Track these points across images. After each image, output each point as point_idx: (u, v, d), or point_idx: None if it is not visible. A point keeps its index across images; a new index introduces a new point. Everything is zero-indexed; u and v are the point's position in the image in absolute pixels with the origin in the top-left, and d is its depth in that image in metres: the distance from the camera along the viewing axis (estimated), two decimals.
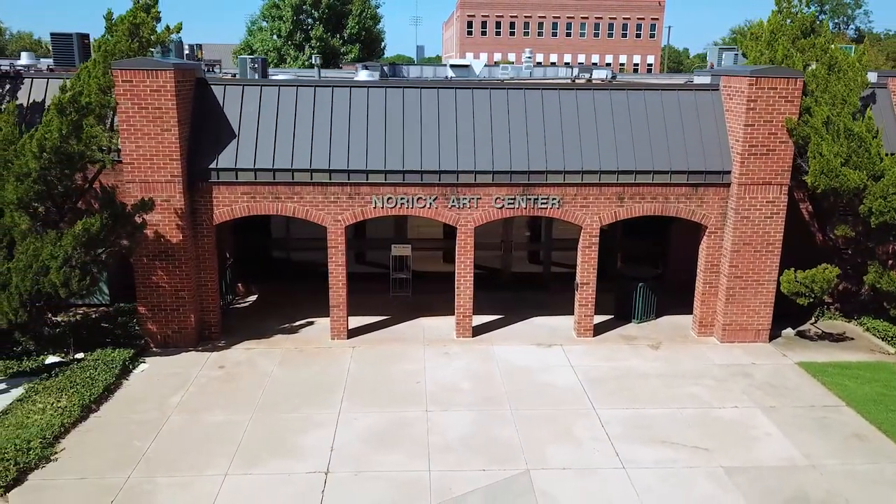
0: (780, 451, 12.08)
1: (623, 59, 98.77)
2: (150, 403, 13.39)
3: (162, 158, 14.77)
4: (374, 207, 15.65)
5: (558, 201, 15.78)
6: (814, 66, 16.78)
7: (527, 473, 11.29)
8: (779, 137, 15.33)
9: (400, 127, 15.77)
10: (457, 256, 16.26)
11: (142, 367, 14.89)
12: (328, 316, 17.26)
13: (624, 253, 20.15)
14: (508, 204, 15.77)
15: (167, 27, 15.90)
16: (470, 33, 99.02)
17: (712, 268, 16.45)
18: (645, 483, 11.07)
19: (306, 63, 50.82)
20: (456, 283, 16.45)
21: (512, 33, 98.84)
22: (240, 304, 18.82)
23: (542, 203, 15.79)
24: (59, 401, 12.92)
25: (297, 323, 17.34)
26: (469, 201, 15.71)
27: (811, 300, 15.89)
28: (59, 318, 16.53)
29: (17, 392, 13.38)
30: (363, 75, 21.85)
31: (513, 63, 73.77)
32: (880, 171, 15.18)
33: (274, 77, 20.53)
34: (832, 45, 16.51)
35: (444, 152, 15.64)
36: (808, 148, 15.51)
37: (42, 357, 14.68)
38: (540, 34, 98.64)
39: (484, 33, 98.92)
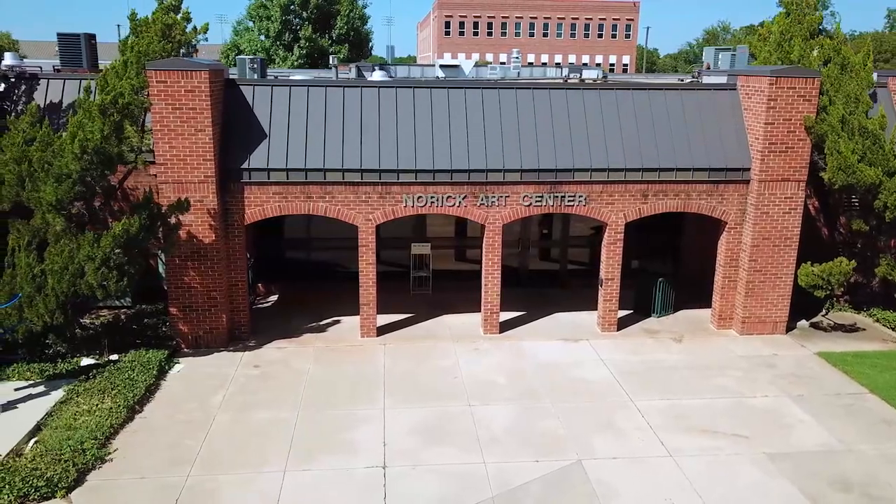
0: (816, 437, 12.54)
1: (599, 58, 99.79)
2: (193, 403, 13.42)
3: (195, 159, 14.79)
4: (405, 206, 15.83)
5: (585, 198, 16.12)
6: (820, 67, 17.36)
7: (579, 464, 11.59)
8: (797, 135, 15.85)
9: (429, 126, 15.97)
10: (484, 254, 16.53)
11: (177, 367, 14.89)
12: (353, 314, 17.47)
13: (637, 250, 20.55)
14: (536, 201, 16.07)
15: (194, 28, 15.91)
16: (448, 34, 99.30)
17: (732, 262, 16.92)
18: (694, 470, 11.44)
19: (295, 63, 50.70)
20: (483, 279, 16.72)
21: (490, 33, 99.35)
22: (262, 304, 18.85)
23: (568, 200, 16.12)
24: (102, 402, 12.89)
25: (324, 322, 17.45)
26: (498, 199, 15.97)
27: (827, 293, 16.45)
28: (84, 321, 16.41)
29: (58, 394, 13.31)
30: (377, 76, 21.99)
31: (491, 63, 74.27)
32: (894, 167, 15.77)
33: (291, 77, 20.57)
34: (844, 47, 17.07)
35: (472, 151, 15.88)
36: (826, 145, 16.03)
37: (76, 359, 14.60)
38: (517, 34, 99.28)
39: (462, 34, 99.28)
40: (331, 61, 28.09)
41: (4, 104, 17.80)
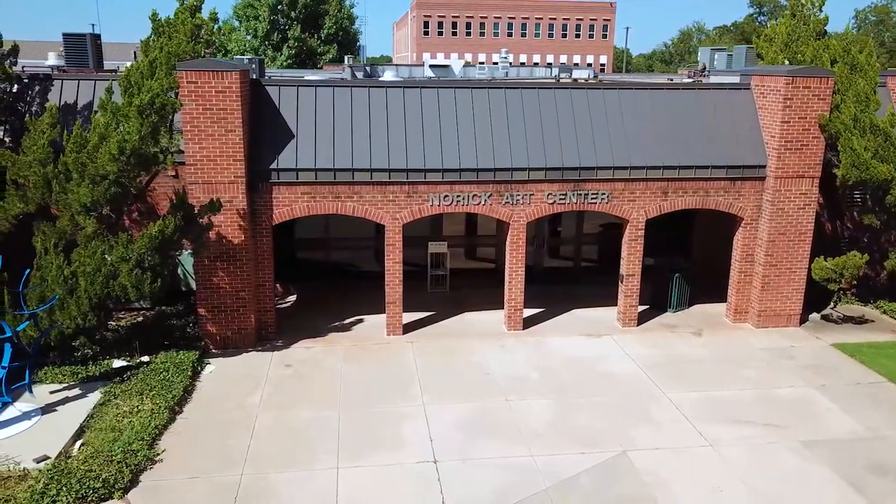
0: (845, 424, 12.98)
1: (577, 58, 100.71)
2: (232, 404, 13.44)
3: (225, 159, 14.79)
4: (431, 205, 15.99)
5: (607, 196, 16.43)
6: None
7: (624, 455, 11.86)
8: (812, 133, 16.32)
9: (454, 126, 16.14)
10: (507, 251, 16.76)
11: (209, 368, 14.88)
12: (374, 313, 17.65)
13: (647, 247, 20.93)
14: (560, 199, 16.33)
15: (219, 28, 15.88)
16: (426, 33, 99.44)
17: (747, 257, 17.35)
18: (735, 459, 11.78)
19: (284, 64, 50.53)
20: (507, 277, 16.94)
21: (468, 33, 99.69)
22: (282, 304, 18.85)
23: (591, 198, 16.40)
24: (142, 403, 12.86)
25: (348, 321, 17.53)
26: (522, 197, 16.20)
27: (840, 286, 16.96)
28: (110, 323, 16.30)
29: (95, 396, 13.24)
30: (388, 76, 22.09)
31: (472, 63, 74.45)
32: None
33: (305, 78, 20.55)
34: (853, 48, 17.58)
35: (497, 150, 16.08)
36: (840, 142, 16.53)
37: (107, 361, 14.51)
38: (496, 34, 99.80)
39: (441, 33, 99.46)
40: (345, 61, 28.10)
41: (18, 105, 17.61)
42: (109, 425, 12.11)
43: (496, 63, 44.48)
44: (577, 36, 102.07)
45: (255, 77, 20.19)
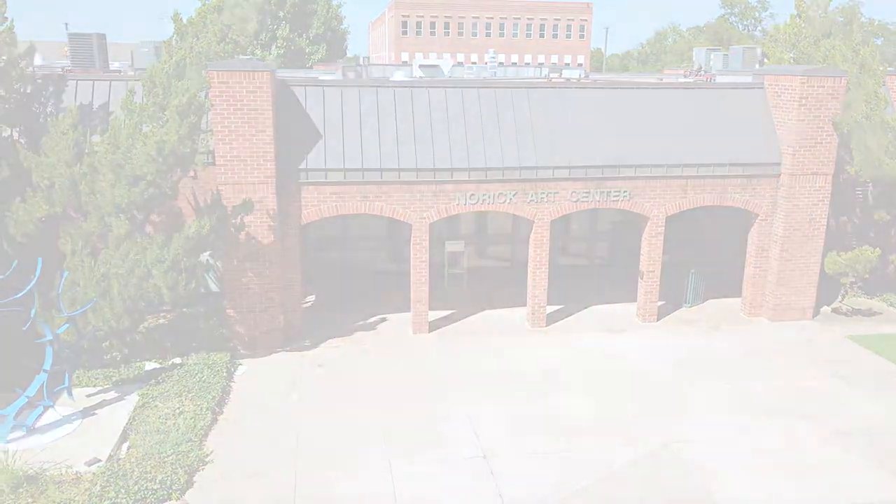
0: (874, 412, 13.39)
1: (555, 58, 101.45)
2: (271, 404, 13.44)
3: (256, 160, 14.78)
4: (458, 204, 16.12)
5: (629, 194, 16.71)
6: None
7: (666, 446, 12.12)
8: (825, 131, 16.78)
9: (479, 125, 16.29)
10: (531, 250, 16.95)
11: (241, 369, 14.85)
12: (395, 311, 17.79)
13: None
14: (583, 198, 16.58)
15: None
16: (405, 33, 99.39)
17: (762, 252, 17.76)
18: (775, 448, 12.10)
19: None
20: (530, 274, 17.14)
21: (447, 33, 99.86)
22: (303, 304, 18.79)
23: (613, 196, 16.67)
24: (182, 405, 12.80)
25: (371, 319, 17.59)
26: (547, 196, 16.41)
27: (851, 279, 17.45)
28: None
29: (133, 399, 13.15)
30: (399, 75, 22.15)
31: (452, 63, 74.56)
32: None
33: (319, 78, 20.53)
34: (863, 48, 18.09)
35: (521, 150, 16.26)
36: (853, 140, 17.00)
37: (140, 364, 14.41)
38: (474, 34, 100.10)
39: (419, 33, 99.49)
40: (360, 62, 28.06)
41: (33, 106, 17.34)
42: (154, 427, 12.05)
43: (474, 62, 44.73)
44: (555, 36, 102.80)
45: None
